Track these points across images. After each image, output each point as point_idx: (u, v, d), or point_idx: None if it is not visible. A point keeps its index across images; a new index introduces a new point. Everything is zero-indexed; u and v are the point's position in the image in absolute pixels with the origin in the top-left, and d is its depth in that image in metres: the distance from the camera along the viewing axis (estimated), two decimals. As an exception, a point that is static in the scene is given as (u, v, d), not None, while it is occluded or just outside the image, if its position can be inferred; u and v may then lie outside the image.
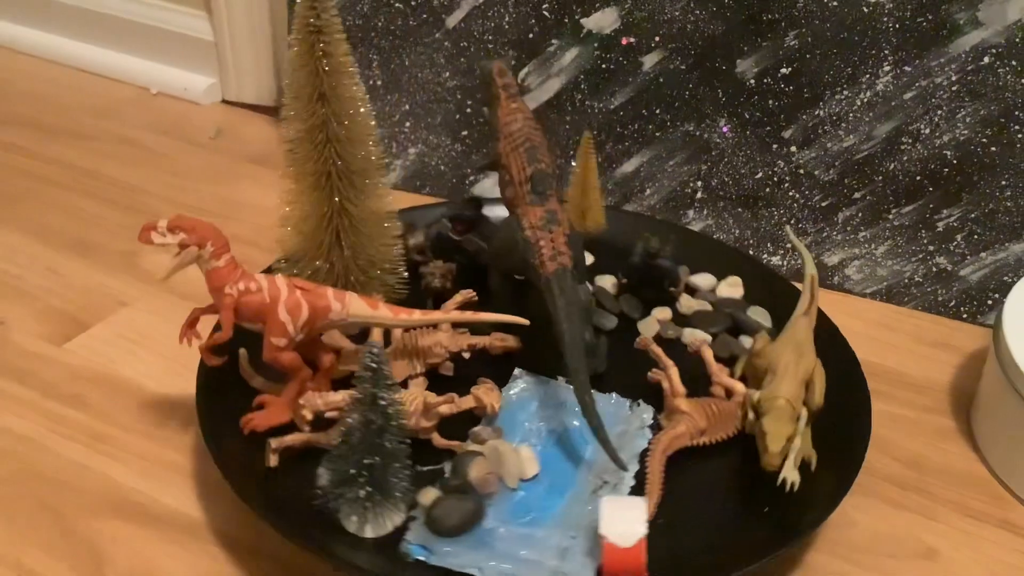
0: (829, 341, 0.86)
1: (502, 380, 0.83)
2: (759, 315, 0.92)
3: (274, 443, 0.75)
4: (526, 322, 0.80)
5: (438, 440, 0.77)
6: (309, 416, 0.75)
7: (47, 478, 0.81)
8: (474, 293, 0.84)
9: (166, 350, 0.93)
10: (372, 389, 0.68)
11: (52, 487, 0.80)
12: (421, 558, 0.69)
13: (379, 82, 1.17)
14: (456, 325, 0.84)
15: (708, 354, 0.83)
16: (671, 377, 0.79)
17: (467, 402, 0.78)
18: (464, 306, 0.83)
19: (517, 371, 0.85)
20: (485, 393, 0.78)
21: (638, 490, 0.74)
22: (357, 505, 0.70)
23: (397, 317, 0.79)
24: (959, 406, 0.89)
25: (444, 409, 0.77)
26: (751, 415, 0.77)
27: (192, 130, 1.31)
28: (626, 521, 0.67)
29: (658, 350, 0.82)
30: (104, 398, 0.89)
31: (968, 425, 0.87)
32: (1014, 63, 0.95)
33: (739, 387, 0.80)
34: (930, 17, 0.97)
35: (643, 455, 0.77)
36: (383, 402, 0.69)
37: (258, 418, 0.78)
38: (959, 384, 0.92)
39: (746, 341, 0.89)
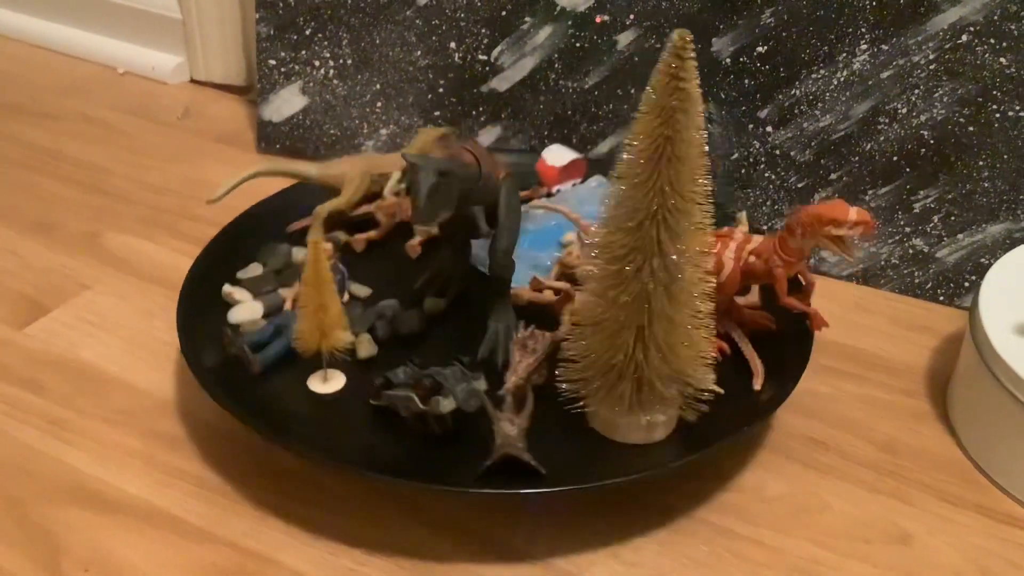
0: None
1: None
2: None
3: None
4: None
5: None
6: None
7: (2, 465, 0.79)
8: None
9: (128, 334, 0.92)
10: None
11: (7, 473, 0.78)
12: None
13: (349, 61, 1.15)
14: None
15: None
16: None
17: None
18: None
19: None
20: None
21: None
22: None
23: None
24: (935, 389, 0.88)
25: None
26: None
27: (159, 110, 1.28)
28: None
29: None
30: (63, 382, 0.87)
31: (944, 408, 0.86)
32: (992, 41, 0.94)
33: None
34: (908, -5, 0.95)
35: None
36: None
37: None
38: (935, 367, 0.91)
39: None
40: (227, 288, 0.89)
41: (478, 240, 0.88)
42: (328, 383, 0.81)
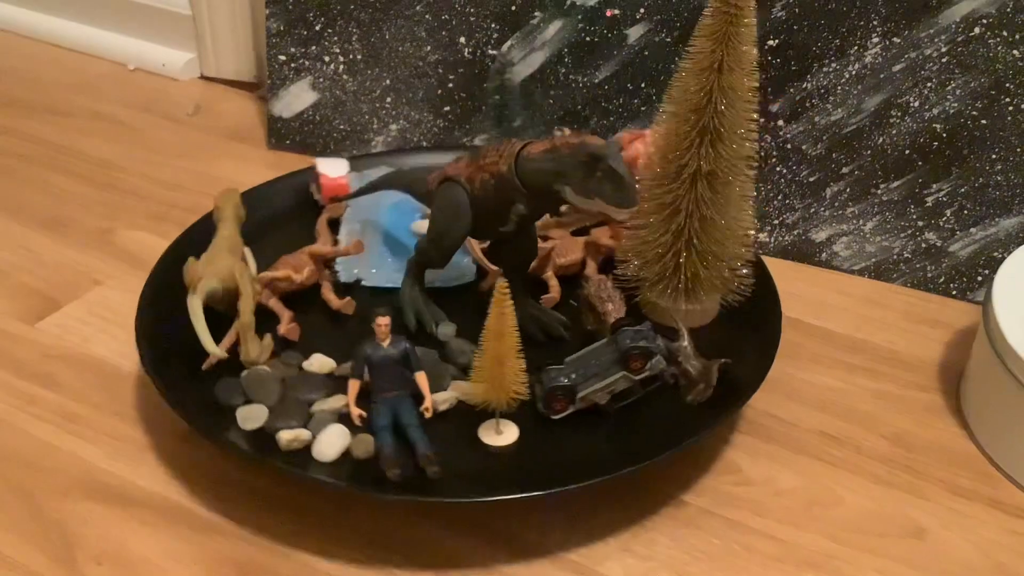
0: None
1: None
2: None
3: None
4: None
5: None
6: None
7: (17, 459, 0.79)
8: None
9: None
10: None
11: (22, 468, 0.78)
12: None
13: (359, 56, 1.15)
14: None
15: None
16: None
17: None
18: None
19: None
20: None
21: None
22: None
23: None
24: (948, 383, 0.88)
25: None
26: None
27: (170, 106, 1.29)
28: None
29: None
30: (76, 377, 0.87)
31: (957, 402, 0.86)
32: (1005, 33, 0.94)
33: None
34: (920, -13, 0.95)
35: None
36: None
37: None
38: (948, 361, 0.90)
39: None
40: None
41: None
42: (503, 435, 0.76)
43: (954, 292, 0.98)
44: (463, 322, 0.85)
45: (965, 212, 0.98)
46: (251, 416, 0.76)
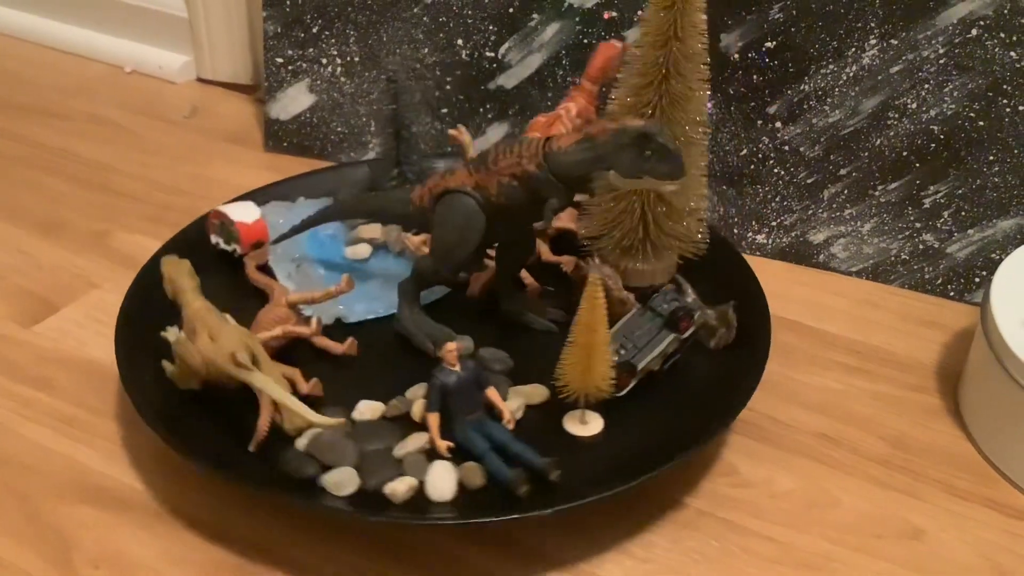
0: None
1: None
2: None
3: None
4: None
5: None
6: None
7: (13, 462, 0.79)
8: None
9: (137, 331, 0.92)
10: None
11: (18, 472, 0.78)
12: None
13: (356, 58, 1.15)
14: None
15: None
16: None
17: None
18: None
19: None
20: None
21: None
22: None
23: None
24: (946, 385, 0.88)
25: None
26: None
27: (166, 108, 1.28)
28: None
29: None
30: (73, 381, 0.87)
31: (955, 404, 0.86)
32: (1002, 35, 0.94)
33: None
34: (917, -11, 0.95)
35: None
36: None
37: None
38: (946, 362, 0.90)
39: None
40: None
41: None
42: (587, 425, 0.78)
43: (952, 293, 0.98)
44: (466, 332, 0.85)
45: (963, 213, 0.98)
46: (342, 481, 0.72)
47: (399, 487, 0.71)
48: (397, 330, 0.86)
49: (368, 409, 0.79)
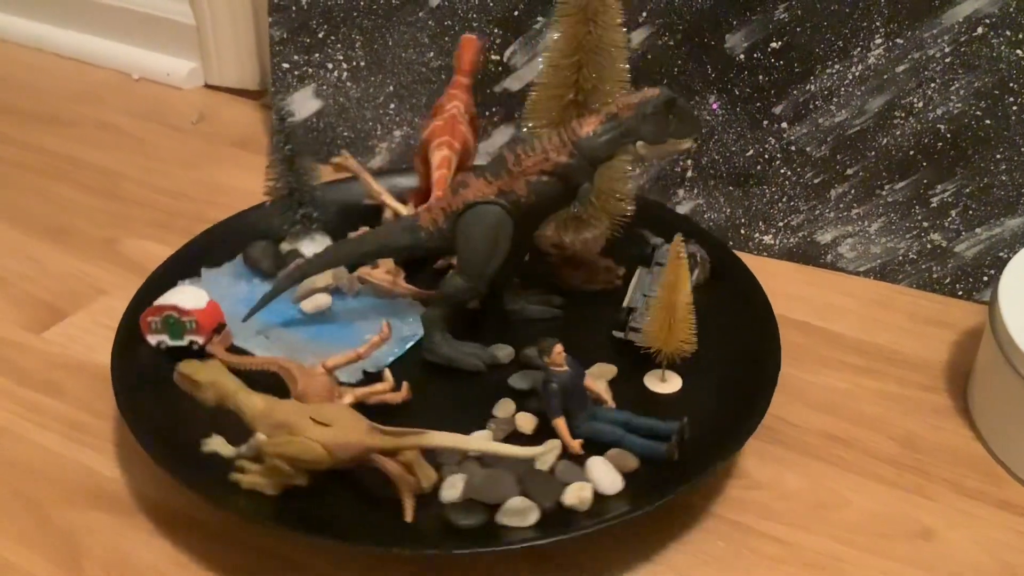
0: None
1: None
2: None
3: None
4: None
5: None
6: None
7: (23, 468, 0.79)
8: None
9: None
10: None
11: (28, 477, 0.79)
12: None
13: (362, 63, 1.15)
14: None
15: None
16: None
17: None
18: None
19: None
20: None
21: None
22: None
23: None
24: (954, 384, 0.88)
25: None
26: None
27: (173, 115, 1.29)
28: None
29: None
30: (82, 386, 0.87)
31: (964, 403, 0.86)
32: (1008, 33, 0.93)
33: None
34: (922, -12, 0.95)
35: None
36: None
37: None
38: (954, 362, 0.90)
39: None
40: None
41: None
42: (667, 383, 0.83)
43: (960, 292, 0.98)
44: (471, 339, 0.85)
45: (970, 212, 0.97)
46: (523, 508, 0.71)
47: (583, 494, 0.71)
48: (430, 359, 0.84)
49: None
